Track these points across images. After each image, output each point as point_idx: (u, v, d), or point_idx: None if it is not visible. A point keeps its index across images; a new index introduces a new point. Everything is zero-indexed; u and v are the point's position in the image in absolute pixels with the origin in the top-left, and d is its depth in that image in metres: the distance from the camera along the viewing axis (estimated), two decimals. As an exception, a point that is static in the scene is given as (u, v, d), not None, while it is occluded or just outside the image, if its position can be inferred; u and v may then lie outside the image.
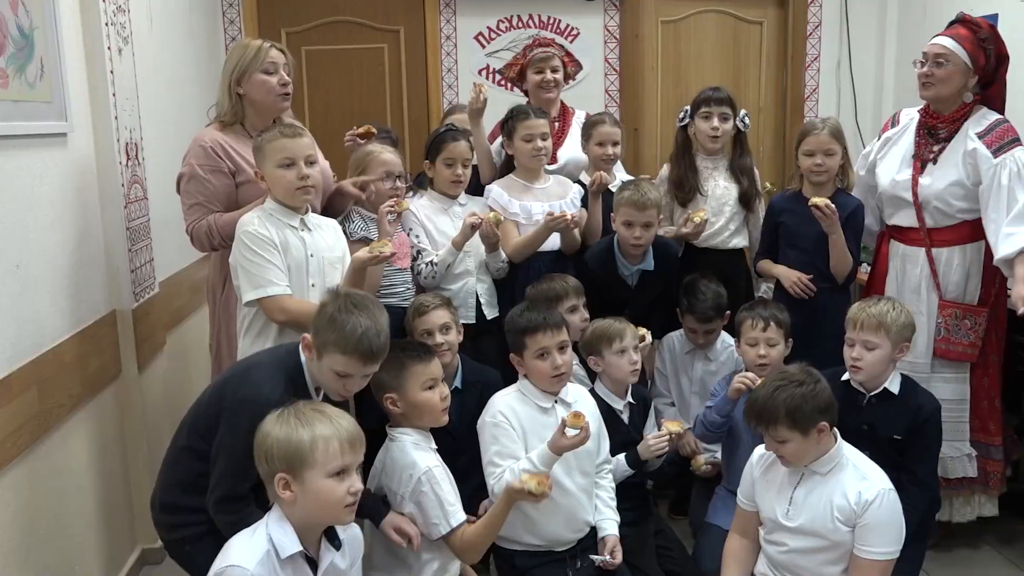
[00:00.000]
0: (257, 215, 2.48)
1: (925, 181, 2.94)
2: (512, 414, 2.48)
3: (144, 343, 2.96)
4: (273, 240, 2.43)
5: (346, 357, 2.06)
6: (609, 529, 2.57)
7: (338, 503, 1.80)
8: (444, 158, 3.10)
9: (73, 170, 2.62)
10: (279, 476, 1.79)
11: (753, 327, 2.86)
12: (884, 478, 2.26)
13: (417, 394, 2.38)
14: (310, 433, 1.79)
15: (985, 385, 3.02)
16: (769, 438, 2.25)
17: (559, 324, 2.55)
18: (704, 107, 3.34)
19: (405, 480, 2.31)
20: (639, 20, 4.89)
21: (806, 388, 2.21)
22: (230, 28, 4.64)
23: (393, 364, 2.36)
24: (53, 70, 2.45)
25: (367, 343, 2.06)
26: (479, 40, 4.83)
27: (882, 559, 2.19)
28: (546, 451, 2.34)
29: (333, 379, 2.09)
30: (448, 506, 2.28)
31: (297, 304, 2.44)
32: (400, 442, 2.38)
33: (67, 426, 2.49)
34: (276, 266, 2.43)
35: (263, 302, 2.42)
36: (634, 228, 3.03)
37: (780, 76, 5.07)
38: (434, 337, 2.73)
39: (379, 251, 2.50)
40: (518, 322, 2.56)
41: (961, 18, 2.94)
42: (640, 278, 3.15)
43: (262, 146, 2.49)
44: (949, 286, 2.97)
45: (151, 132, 3.19)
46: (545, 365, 2.49)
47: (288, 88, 2.79)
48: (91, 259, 2.71)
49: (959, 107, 2.94)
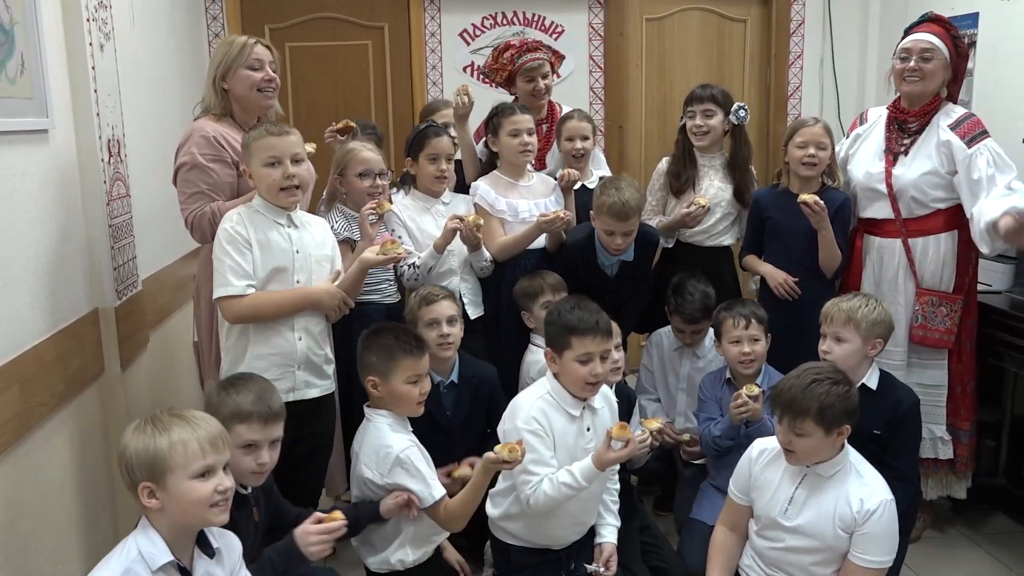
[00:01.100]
0: (239, 211, 2.50)
1: (899, 172, 3.00)
2: (545, 420, 2.39)
3: (127, 341, 2.94)
4: (247, 239, 2.46)
5: (247, 424, 2.09)
6: (608, 536, 2.57)
7: (204, 502, 1.76)
8: (427, 154, 3.09)
9: (54, 167, 2.60)
10: (143, 485, 1.76)
11: (735, 326, 2.88)
12: (885, 487, 2.28)
13: (399, 385, 2.42)
14: (167, 439, 1.77)
15: (959, 371, 3.09)
16: (787, 429, 2.23)
17: (609, 331, 2.45)
18: (689, 106, 3.37)
19: (382, 459, 2.36)
20: (623, 17, 4.89)
21: (841, 388, 2.23)
22: (213, 24, 4.61)
23: (384, 351, 2.41)
24: (34, 66, 2.42)
25: (264, 403, 2.12)
26: (464, 37, 4.82)
27: (877, 567, 2.22)
28: (590, 466, 2.30)
29: (240, 459, 2.07)
30: (430, 479, 2.35)
31: (245, 301, 2.47)
32: (376, 423, 2.44)
33: (49, 425, 2.46)
34: (239, 265, 2.45)
35: (220, 302, 2.49)
36: (615, 237, 3.00)
37: (764, 74, 5.10)
38: (441, 327, 2.72)
39: (394, 253, 2.55)
40: (567, 318, 2.41)
41: (932, 16, 3.01)
42: (620, 268, 3.15)
43: (249, 143, 2.50)
44: (925, 274, 3.03)
45: (133, 129, 3.16)
46: (584, 371, 2.37)
47: (273, 84, 2.79)
48: (73, 257, 2.69)
49: (929, 101, 3.01)
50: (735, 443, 2.77)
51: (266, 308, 2.51)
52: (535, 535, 2.48)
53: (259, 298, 2.49)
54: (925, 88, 2.98)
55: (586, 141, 3.32)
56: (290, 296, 2.54)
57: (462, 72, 4.82)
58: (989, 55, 3.83)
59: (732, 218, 3.39)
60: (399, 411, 2.46)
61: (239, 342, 2.53)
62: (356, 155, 2.98)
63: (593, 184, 3.39)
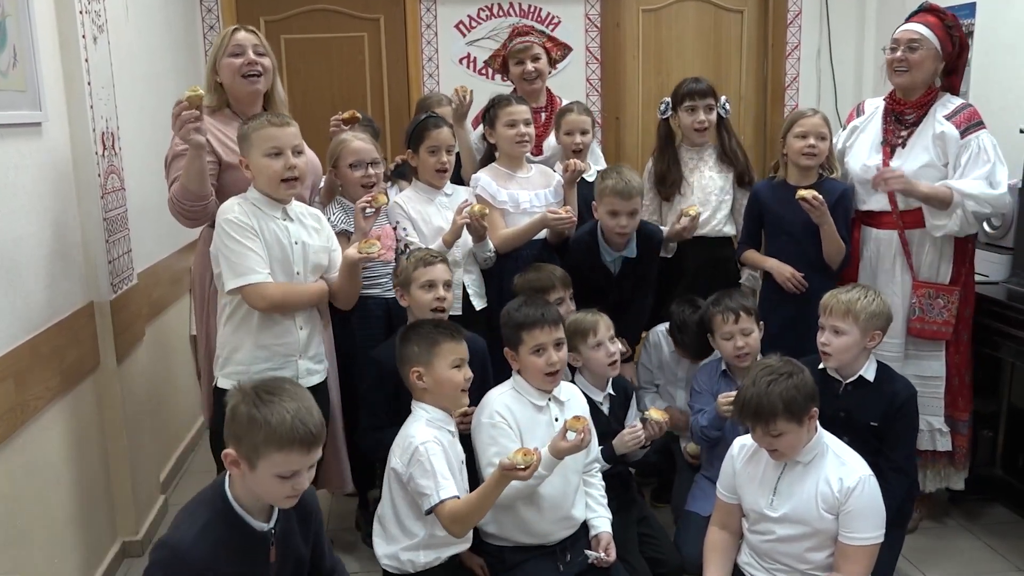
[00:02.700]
0: (238, 202, 2.47)
1: (896, 164, 2.99)
2: (508, 413, 2.47)
3: (123, 334, 2.94)
4: (254, 227, 2.43)
5: (284, 453, 1.77)
6: (602, 527, 2.57)
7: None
8: (428, 146, 3.07)
9: (48, 160, 2.59)
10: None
11: (725, 321, 2.87)
12: (863, 464, 2.29)
13: (444, 371, 2.39)
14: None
15: (956, 362, 3.09)
16: (763, 434, 2.24)
17: (556, 320, 2.53)
18: (688, 100, 3.34)
19: (406, 448, 2.32)
20: (620, 8, 4.88)
21: (796, 378, 2.24)
22: (208, 17, 4.60)
23: (425, 339, 2.40)
24: (27, 59, 2.41)
25: (302, 428, 1.78)
26: (460, 29, 4.80)
27: (868, 544, 2.22)
28: (547, 455, 2.31)
29: (276, 485, 1.80)
30: (441, 479, 2.27)
31: (277, 289, 2.46)
32: (416, 415, 2.42)
33: (45, 418, 2.46)
34: (257, 253, 2.43)
35: (245, 290, 2.43)
36: (620, 217, 2.99)
37: (761, 64, 5.08)
38: (437, 289, 2.69)
39: (366, 251, 2.52)
40: (515, 316, 2.54)
41: (928, 6, 3.00)
42: (623, 265, 3.14)
43: (248, 134, 2.47)
44: (922, 267, 3.02)
45: (128, 121, 3.16)
46: (540, 361, 2.48)
47: (254, 68, 2.76)
48: (68, 250, 2.69)
49: (925, 92, 3.00)
50: (723, 435, 2.78)
51: (298, 298, 2.53)
52: (523, 534, 2.48)
53: (292, 289, 2.51)
54: (913, 79, 2.96)
55: (585, 136, 3.31)
56: (316, 290, 2.58)
57: (458, 64, 4.81)
58: (985, 45, 3.81)
59: (728, 206, 3.37)
60: (446, 401, 2.42)
61: (239, 332, 2.51)
62: (347, 146, 2.97)
63: (592, 178, 3.38)
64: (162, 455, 3.53)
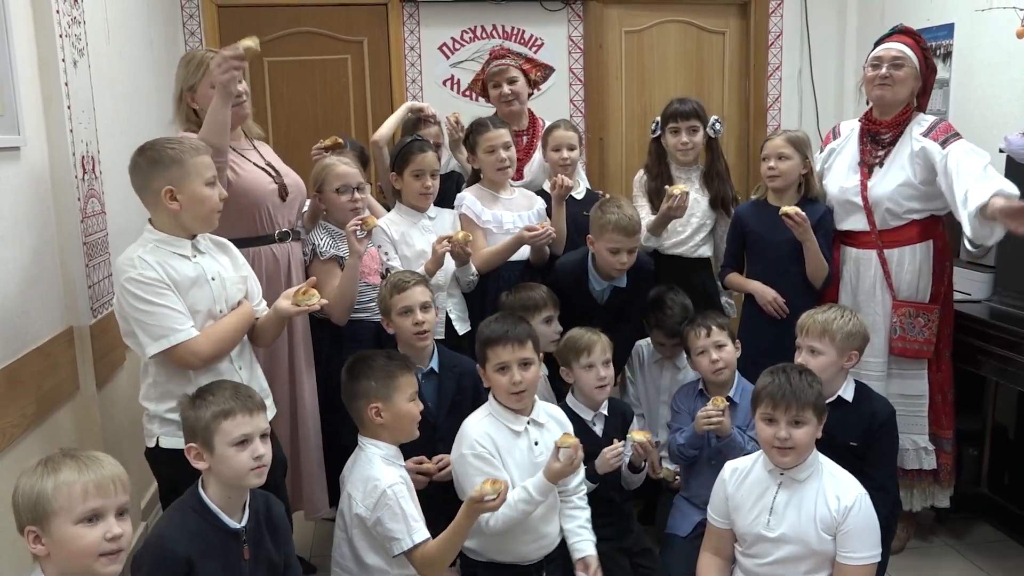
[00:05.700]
0: (138, 255, 2.24)
1: (873, 184, 3.01)
2: (488, 441, 2.44)
3: (103, 359, 2.90)
4: (162, 280, 2.21)
5: (230, 420, 1.98)
6: (587, 550, 2.52)
7: (90, 551, 1.65)
8: (412, 170, 3.08)
9: (27, 184, 2.57)
10: (28, 529, 1.66)
11: (698, 336, 2.89)
12: (856, 483, 2.31)
13: (404, 404, 2.37)
14: (53, 481, 1.66)
15: (939, 380, 3.11)
16: (787, 423, 2.23)
17: (523, 339, 2.46)
18: (672, 122, 3.37)
19: (369, 491, 2.29)
20: (603, 30, 4.91)
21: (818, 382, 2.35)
22: (191, 39, 4.59)
23: (382, 373, 2.36)
24: (5, 82, 2.40)
25: (242, 393, 2.04)
26: (443, 51, 4.82)
27: (867, 563, 2.23)
28: (542, 480, 2.30)
29: (236, 457, 1.97)
30: (412, 521, 2.25)
31: (207, 340, 2.27)
32: (368, 453, 2.37)
33: (22, 446, 2.42)
34: (173, 308, 2.21)
35: (170, 353, 2.22)
36: (621, 254, 2.96)
37: (743, 85, 5.12)
38: (415, 315, 2.67)
39: (305, 304, 2.36)
40: (482, 332, 2.53)
41: (902, 28, 3.05)
42: (611, 294, 3.12)
43: (183, 160, 2.25)
44: (902, 286, 3.04)
45: (108, 145, 3.14)
46: (504, 380, 2.44)
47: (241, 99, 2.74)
48: (46, 274, 2.66)
49: (901, 112, 3.04)
50: (700, 454, 2.79)
51: (231, 339, 2.33)
52: (498, 552, 2.47)
53: (220, 332, 2.30)
54: (896, 95, 3.00)
55: (572, 151, 3.33)
56: (242, 319, 2.38)
57: (442, 86, 4.82)
58: (964, 65, 3.86)
59: (708, 229, 3.39)
60: (399, 435, 2.40)
61: (172, 381, 2.29)
62: (332, 170, 2.96)
63: (580, 195, 3.39)
64: (143, 481, 3.48)
